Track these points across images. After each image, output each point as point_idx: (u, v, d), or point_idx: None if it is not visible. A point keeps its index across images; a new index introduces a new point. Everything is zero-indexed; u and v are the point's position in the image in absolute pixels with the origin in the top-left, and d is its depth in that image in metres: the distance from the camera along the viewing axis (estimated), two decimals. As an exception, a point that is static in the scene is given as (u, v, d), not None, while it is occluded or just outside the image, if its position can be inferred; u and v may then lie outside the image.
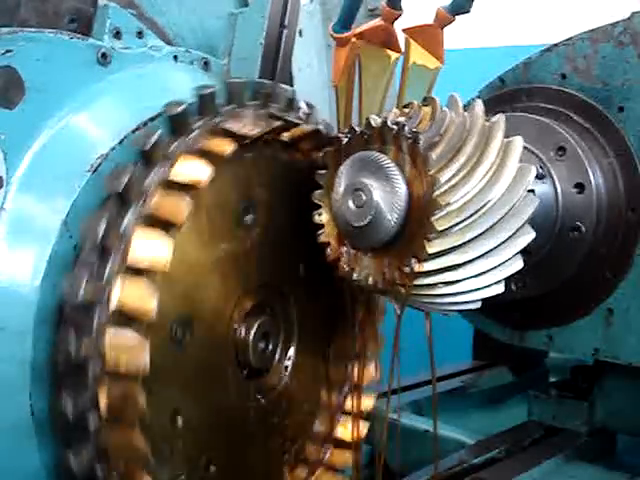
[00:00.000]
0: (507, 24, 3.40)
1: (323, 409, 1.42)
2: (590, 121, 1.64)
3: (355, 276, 1.19)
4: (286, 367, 1.32)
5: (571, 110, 1.66)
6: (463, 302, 1.14)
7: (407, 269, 1.12)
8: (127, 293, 0.99)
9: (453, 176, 1.10)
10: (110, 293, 0.99)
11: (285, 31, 1.47)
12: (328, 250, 1.21)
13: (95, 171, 1.06)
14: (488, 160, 1.13)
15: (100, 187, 1.06)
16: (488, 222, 1.11)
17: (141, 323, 0.98)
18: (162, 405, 1.06)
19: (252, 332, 1.21)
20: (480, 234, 1.11)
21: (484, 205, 1.11)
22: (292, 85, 1.62)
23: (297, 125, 1.25)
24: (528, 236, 1.16)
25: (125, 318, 0.98)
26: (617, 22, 1.61)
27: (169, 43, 1.36)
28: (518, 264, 1.15)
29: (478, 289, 1.13)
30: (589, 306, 1.64)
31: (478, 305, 1.15)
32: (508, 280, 1.15)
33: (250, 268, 1.22)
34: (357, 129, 1.18)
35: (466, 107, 1.19)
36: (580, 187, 1.60)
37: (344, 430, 1.43)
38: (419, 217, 1.10)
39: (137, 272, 0.99)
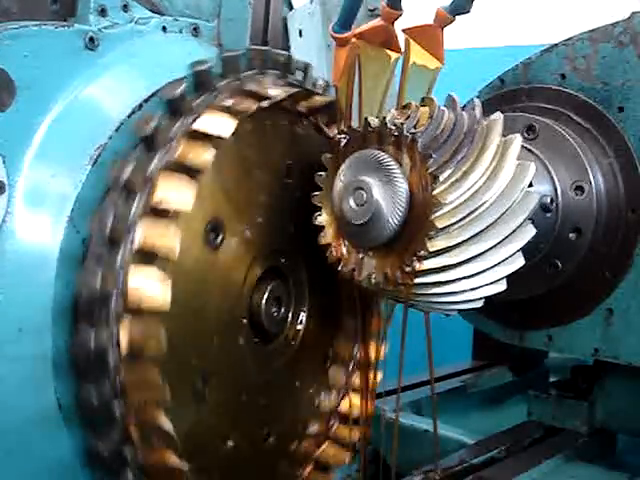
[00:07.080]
0: (507, 24, 3.40)
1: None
2: (590, 121, 1.63)
3: (357, 276, 1.19)
4: (298, 331, 1.33)
5: (571, 110, 1.66)
6: (464, 301, 1.14)
7: (408, 268, 1.12)
8: (150, 232, 1.00)
9: (452, 174, 1.10)
10: (134, 232, 1.00)
11: None
12: (329, 251, 1.21)
13: (95, 163, 1.05)
14: (486, 159, 1.13)
15: (102, 178, 1.05)
16: (487, 221, 1.11)
17: (163, 261, 0.99)
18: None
19: (264, 296, 1.23)
20: (479, 232, 1.11)
21: (482, 203, 1.11)
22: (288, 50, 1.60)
23: (316, 94, 1.27)
24: (528, 233, 1.15)
25: (148, 256, 0.99)
26: (617, 22, 1.60)
27: (156, 7, 1.32)
28: (519, 262, 1.15)
29: (478, 287, 1.13)
30: (589, 306, 1.64)
31: (480, 304, 1.15)
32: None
33: (264, 233, 1.23)
34: (356, 129, 1.18)
35: (465, 107, 1.19)
36: (578, 232, 1.58)
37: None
38: (419, 216, 1.11)
39: (161, 213, 1.00)
